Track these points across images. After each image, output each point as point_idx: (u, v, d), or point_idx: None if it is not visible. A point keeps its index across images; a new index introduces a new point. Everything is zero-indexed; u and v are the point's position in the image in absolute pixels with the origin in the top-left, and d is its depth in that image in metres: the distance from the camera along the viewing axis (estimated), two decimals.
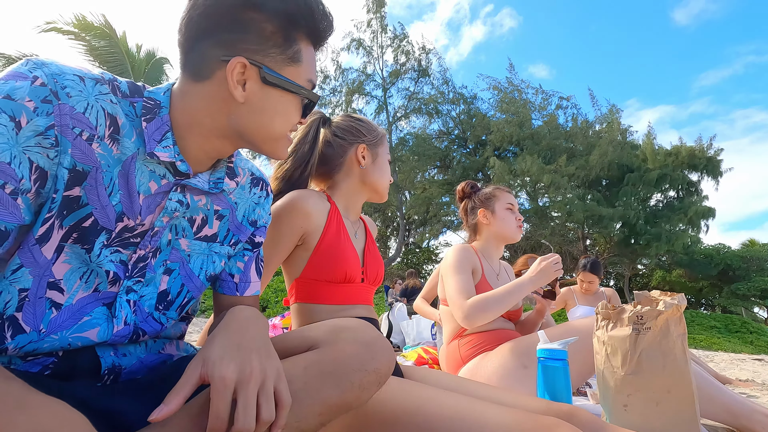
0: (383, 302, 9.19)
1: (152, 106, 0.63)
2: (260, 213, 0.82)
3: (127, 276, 0.63)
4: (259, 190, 0.82)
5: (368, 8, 18.08)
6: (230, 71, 0.61)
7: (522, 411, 0.75)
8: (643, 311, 0.98)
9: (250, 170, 0.82)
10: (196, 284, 0.73)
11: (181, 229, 0.69)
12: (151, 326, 0.68)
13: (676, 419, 0.92)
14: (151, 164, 0.63)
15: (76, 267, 0.59)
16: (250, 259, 0.81)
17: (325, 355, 0.59)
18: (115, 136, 0.59)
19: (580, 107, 17.68)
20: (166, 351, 0.73)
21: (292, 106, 0.67)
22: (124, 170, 0.61)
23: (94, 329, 0.61)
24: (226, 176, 0.74)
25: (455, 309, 1.44)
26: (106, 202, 0.59)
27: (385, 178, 1.22)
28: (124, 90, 0.62)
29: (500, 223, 1.69)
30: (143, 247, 0.64)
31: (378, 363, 0.60)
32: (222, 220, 0.75)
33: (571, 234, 17.25)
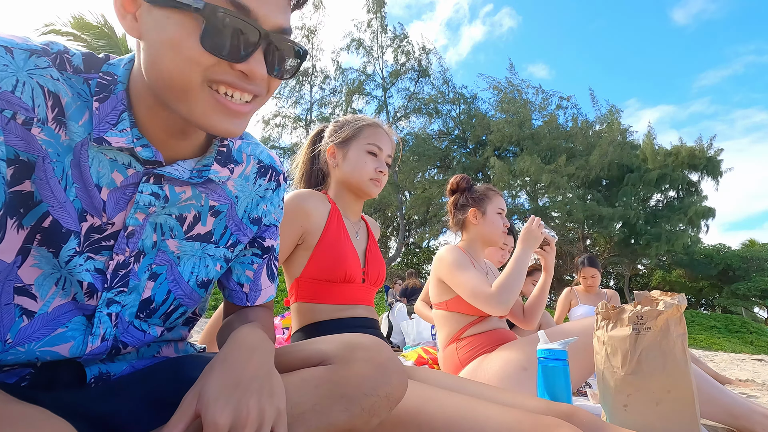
0: (383, 302, 9.19)
1: (108, 83, 0.53)
2: (266, 209, 0.71)
3: (106, 287, 0.56)
4: (266, 182, 0.70)
5: (368, 8, 18.11)
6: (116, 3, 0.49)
7: (522, 411, 0.75)
8: (643, 311, 0.98)
9: (258, 157, 0.69)
10: (185, 290, 0.64)
11: (168, 228, 0.60)
12: (133, 336, 0.61)
13: (676, 419, 0.92)
14: (110, 151, 0.53)
15: (48, 272, 0.53)
16: (260, 267, 0.73)
17: (337, 375, 0.55)
18: (60, 119, 0.50)
19: (580, 107, 17.70)
20: (162, 354, 0.69)
21: (182, 30, 0.46)
22: (76, 159, 0.51)
23: (67, 344, 0.54)
24: (216, 163, 0.61)
25: (482, 302, 1.41)
26: (62, 198, 0.51)
27: (358, 171, 1.17)
28: (77, 64, 0.52)
29: (489, 226, 1.67)
30: (120, 251, 0.56)
31: (391, 387, 0.57)
32: (218, 217, 0.65)
33: (571, 234, 17.25)
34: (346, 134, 1.20)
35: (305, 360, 0.60)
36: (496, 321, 1.59)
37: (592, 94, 19.64)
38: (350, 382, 0.55)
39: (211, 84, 0.49)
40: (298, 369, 0.59)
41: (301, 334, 1.10)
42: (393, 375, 0.58)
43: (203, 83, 0.49)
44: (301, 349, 0.63)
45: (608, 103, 19.18)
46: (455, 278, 1.51)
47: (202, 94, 0.49)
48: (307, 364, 0.59)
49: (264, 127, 18.78)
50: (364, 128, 1.20)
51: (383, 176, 1.20)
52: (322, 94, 19.09)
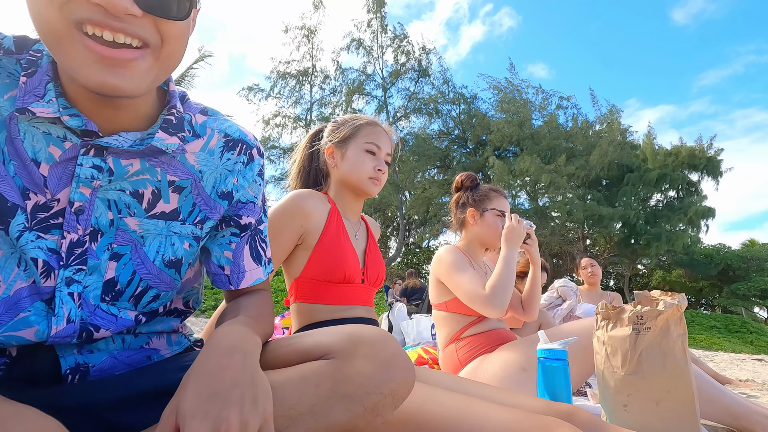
0: (383, 302, 9.20)
1: (36, 58, 0.52)
2: (237, 182, 0.67)
3: (62, 265, 0.53)
4: (235, 155, 0.67)
5: (368, 8, 18.09)
6: None
7: (522, 411, 0.75)
8: (643, 311, 0.98)
9: (224, 131, 0.67)
10: (152, 271, 0.60)
11: (123, 205, 0.57)
12: (104, 319, 0.57)
13: (676, 419, 0.92)
14: (42, 125, 0.52)
15: (8, 252, 0.51)
16: (239, 246, 0.69)
17: (339, 372, 0.52)
18: None
19: (580, 107, 17.67)
20: (151, 345, 0.65)
21: None
22: (9, 135, 0.51)
23: (31, 328, 0.52)
24: (162, 131, 0.58)
25: (478, 303, 1.41)
26: (3, 171, 0.50)
27: (356, 171, 1.17)
28: (8, 46, 0.52)
29: (486, 228, 1.64)
30: (71, 229, 0.53)
31: (395, 384, 0.53)
32: (182, 193, 0.62)
33: (571, 234, 17.25)
34: (344, 134, 1.20)
35: (305, 353, 0.56)
36: (495, 321, 1.59)
37: (592, 94, 19.66)
38: (352, 380, 0.52)
39: (78, 25, 0.45)
40: (297, 363, 0.55)
41: None
42: (398, 371, 0.54)
43: (69, 26, 0.45)
44: (301, 341, 0.59)
45: (608, 103, 19.18)
46: (452, 280, 1.51)
47: (70, 38, 0.45)
48: (307, 358, 0.56)
49: (264, 127, 18.78)
50: (362, 127, 1.20)
51: (382, 175, 1.19)
52: (322, 94, 19.10)
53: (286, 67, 18.68)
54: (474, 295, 1.42)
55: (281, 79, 18.68)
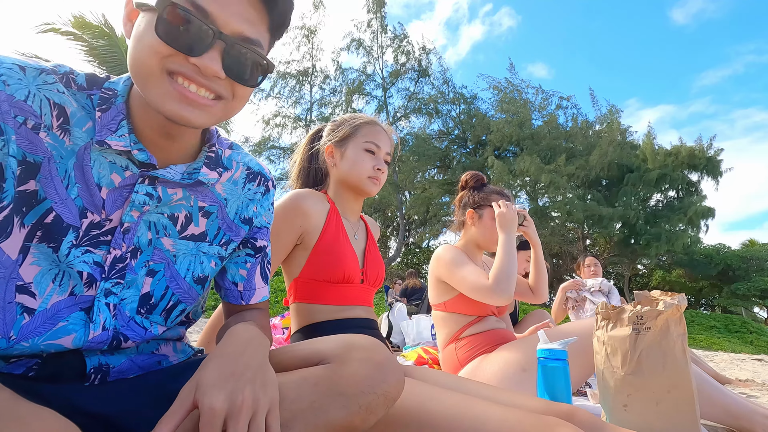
0: (383, 302, 9.19)
1: (109, 96, 0.60)
2: (256, 210, 0.77)
3: (104, 278, 0.60)
4: (255, 186, 0.77)
5: (368, 8, 18.10)
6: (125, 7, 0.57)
7: (522, 410, 0.75)
8: (643, 311, 0.97)
9: (247, 164, 0.76)
10: (183, 287, 0.68)
11: (161, 227, 0.65)
12: (134, 331, 0.64)
13: (676, 419, 0.92)
14: (109, 155, 0.60)
15: (46, 269, 0.56)
16: (253, 266, 0.78)
17: (335, 374, 0.57)
18: (65, 126, 0.57)
19: (580, 107, 17.69)
20: (160, 351, 0.71)
21: (145, 24, 0.54)
22: (79, 161, 0.58)
23: (69, 336, 0.58)
24: (205, 166, 0.67)
25: (483, 294, 1.40)
26: (65, 195, 0.57)
27: (356, 170, 1.17)
28: (81, 83, 0.60)
29: (483, 230, 1.63)
30: (117, 246, 0.61)
31: (388, 386, 0.58)
32: (209, 218, 0.70)
33: (571, 234, 17.25)
34: (343, 133, 1.20)
35: (304, 360, 0.61)
36: (494, 321, 1.59)
37: (592, 94, 19.66)
38: (348, 381, 0.56)
39: (171, 74, 0.55)
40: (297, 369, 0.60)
41: (300, 335, 1.10)
42: (390, 374, 0.59)
43: (162, 71, 0.54)
44: (300, 349, 0.65)
45: (608, 103, 19.19)
46: (454, 275, 1.49)
47: (162, 80, 0.54)
48: (306, 364, 0.60)
49: (264, 127, 18.79)
50: (361, 127, 1.20)
51: (382, 174, 1.19)
52: (322, 94, 19.10)
53: (286, 67, 18.68)
54: (478, 287, 1.41)
55: (281, 79, 18.67)
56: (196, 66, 0.54)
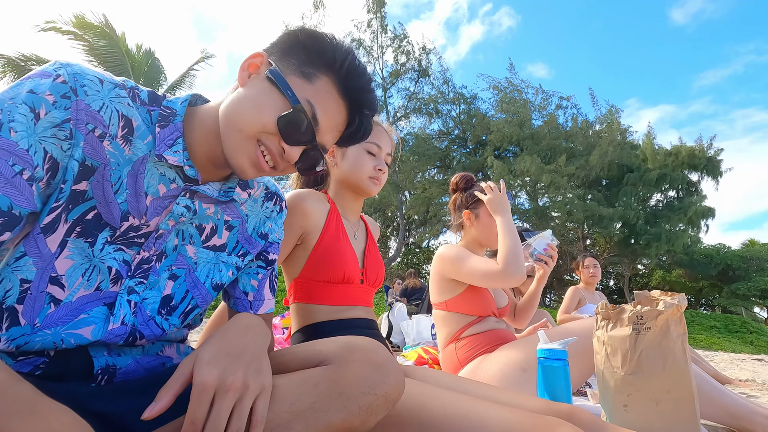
0: (383, 302, 9.19)
1: (168, 114, 0.66)
2: (271, 227, 0.83)
3: (129, 275, 0.64)
4: (272, 205, 0.83)
5: (368, 8, 18.09)
6: (248, 59, 0.66)
7: (523, 410, 0.75)
8: (643, 311, 0.97)
9: (266, 185, 0.83)
10: (202, 292, 0.73)
11: (188, 235, 0.70)
12: (151, 330, 0.67)
13: (676, 419, 0.92)
14: (161, 167, 0.65)
15: (78, 263, 0.60)
16: (264, 277, 0.82)
17: (336, 375, 0.57)
18: (128, 137, 0.62)
19: (580, 107, 17.67)
20: (165, 353, 0.72)
21: (269, 100, 0.64)
22: (134, 170, 0.63)
23: (89, 327, 0.61)
24: (238, 186, 0.75)
25: (496, 278, 1.41)
26: (110, 198, 0.61)
27: (356, 170, 1.17)
28: (144, 98, 0.66)
29: (482, 228, 1.64)
30: (147, 249, 0.65)
31: (388, 387, 0.59)
32: (231, 231, 0.76)
33: (571, 234, 17.25)
34: None
35: (304, 361, 0.62)
36: (494, 322, 1.59)
37: (591, 94, 19.66)
38: (348, 382, 0.56)
39: (259, 142, 0.65)
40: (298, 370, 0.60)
41: (300, 335, 1.10)
42: (390, 375, 0.59)
43: (254, 137, 0.64)
44: (301, 350, 0.65)
45: (608, 103, 19.20)
46: (462, 268, 1.49)
47: (249, 143, 0.64)
48: (306, 365, 0.61)
49: None
50: None
51: (382, 175, 1.18)
52: None
53: None
54: (489, 272, 1.42)
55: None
56: (282, 149, 0.65)
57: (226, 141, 0.65)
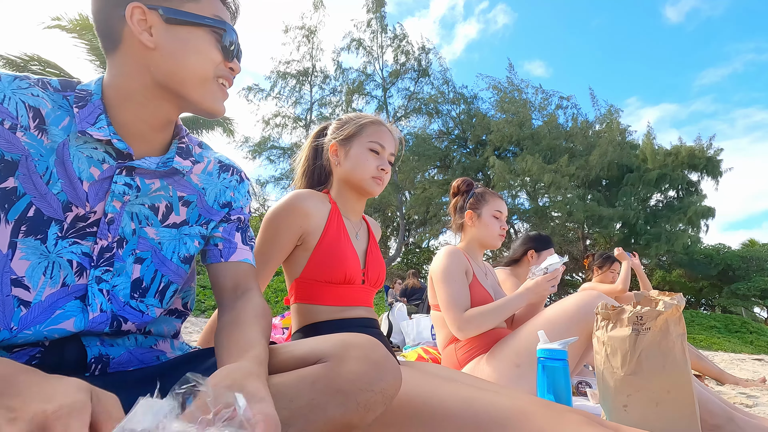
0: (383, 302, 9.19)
1: (84, 95, 0.65)
2: (233, 195, 0.82)
3: (93, 266, 0.64)
4: (229, 176, 0.83)
5: (368, 8, 18.09)
6: (130, 18, 0.63)
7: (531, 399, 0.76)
8: (642, 311, 0.98)
9: (218, 159, 0.83)
10: (171, 268, 0.73)
11: (143, 217, 0.70)
12: (132, 315, 0.68)
13: (675, 419, 0.93)
14: (87, 149, 0.64)
15: (36, 262, 0.60)
16: (229, 228, 0.81)
17: (333, 372, 0.57)
18: (41, 127, 0.62)
19: (580, 107, 17.66)
20: (158, 347, 0.73)
21: (205, 42, 0.67)
22: (59, 158, 0.62)
23: (69, 320, 0.61)
24: (177, 156, 0.73)
25: (449, 319, 1.48)
26: (44, 190, 0.61)
27: (359, 170, 1.16)
28: (56, 85, 0.65)
29: (483, 228, 1.70)
30: (103, 237, 0.65)
31: (385, 383, 0.59)
32: (189, 206, 0.76)
33: (571, 234, 17.25)
34: (348, 132, 1.19)
35: (302, 359, 0.61)
36: None
37: (591, 94, 19.65)
38: (346, 378, 0.56)
39: (216, 78, 0.69)
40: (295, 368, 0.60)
41: (300, 335, 1.10)
42: (387, 372, 0.60)
43: (213, 78, 0.68)
44: (298, 348, 0.65)
45: (607, 103, 19.19)
46: (438, 284, 1.56)
47: (212, 83, 0.69)
48: (304, 363, 0.60)
49: (264, 127, 18.78)
50: (366, 126, 1.19)
51: (385, 175, 1.18)
52: (322, 94, 19.09)
53: (286, 67, 18.68)
54: (449, 310, 1.49)
55: (281, 79, 18.67)
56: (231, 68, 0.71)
57: (188, 96, 0.67)
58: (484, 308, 1.47)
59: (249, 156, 18.41)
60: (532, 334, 1.35)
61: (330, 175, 1.26)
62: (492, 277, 1.81)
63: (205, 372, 0.64)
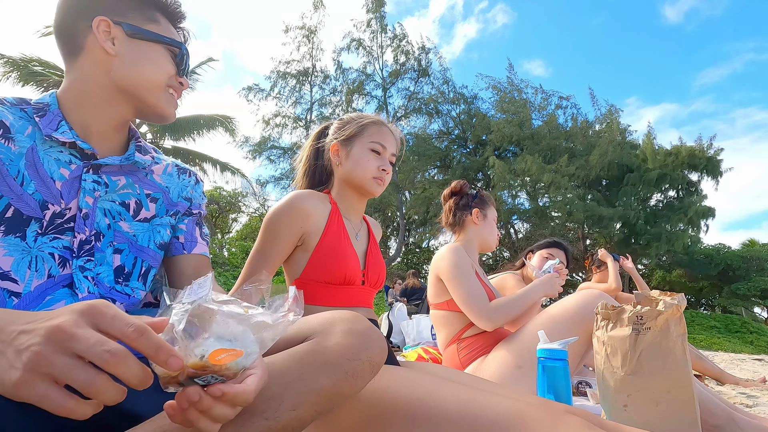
0: (383, 302, 9.19)
1: (41, 107, 0.73)
2: (193, 193, 0.93)
3: (74, 256, 0.69)
4: (187, 177, 0.93)
5: (368, 8, 18.10)
6: (96, 28, 0.72)
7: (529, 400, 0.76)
8: (643, 311, 0.98)
9: (175, 163, 0.93)
10: (149, 254, 0.81)
11: (116, 213, 0.77)
12: (119, 297, 0.74)
13: (676, 419, 0.93)
14: (54, 152, 0.71)
15: (19, 257, 0.64)
16: (190, 222, 0.91)
17: (320, 346, 0.60)
18: (7, 135, 0.67)
19: (579, 107, 17.67)
20: None
21: (160, 56, 0.78)
22: (30, 161, 0.68)
23: (60, 302, 0.66)
24: (137, 151, 0.82)
25: (474, 312, 1.48)
26: (20, 191, 0.66)
27: (361, 170, 1.16)
28: (11, 101, 0.72)
29: (488, 229, 1.75)
30: (80, 231, 0.71)
31: (371, 352, 0.62)
32: (157, 203, 0.85)
33: (571, 234, 17.24)
34: (349, 132, 1.19)
35: (291, 340, 0.64)
36: None
37: (591, 94, 19.64)
38: (333, 351, 0.59)
39: (167, 87, 0.81)
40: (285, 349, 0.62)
41: None
42: (373, 341, 0.63)
43: (165, 86, 0.80)
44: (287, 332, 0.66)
45: (607, 102, 19.18)
46: (453, 280, 1.53)
47: (163, 91, 0.80)
48: (293, 343, 0.63)
49: (264, 127, 18.77)
50: (368, 126, 1.19)
51: (386, 175, 1.18)
52: (322, 94, 19.09)
53: (286, 67, 18.68)
54: (472, 304, 1.48)
55: (281, 79, 18.66)
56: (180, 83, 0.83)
57: (144, 99, 0.77)
58: (509, 297, 1.51)
59: (249, 156, 18.43)
60: (534, 334, 1.35)
61: (331, 176, 1.26)
62: (485, 277, 1.82)
63: None
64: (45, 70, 9.40)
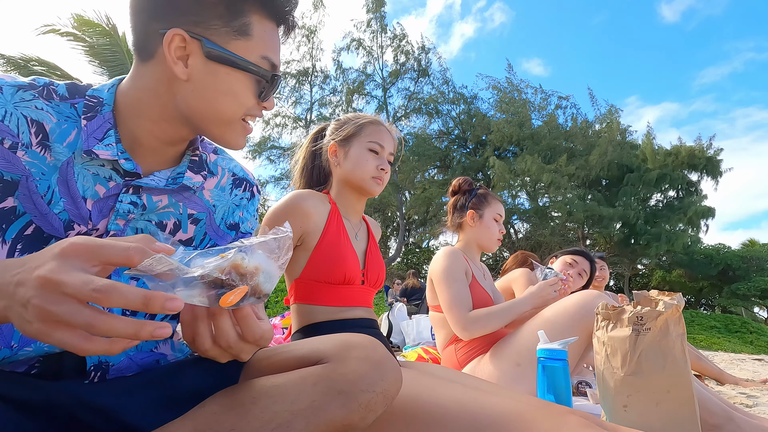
0: (383, 302, 9.19)
1: (94, 104, 0.62)
2: (242, 215, 0.80)
3: None
4: (241, 191, 0.80)
5: (368, 8, 18.10)
6: (167, 45, 0.58)
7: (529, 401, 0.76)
8: (642, 312, 0.98)
9: (232, 170, 0.79)
10: None
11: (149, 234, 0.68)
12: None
13: (675, 420, 0.92)
14: (93, 167, 0.61)
15: None
16: None
17: (335, 372, 0.57)
18: (44, 143, 0.58)
19: (579, 107, 17.70)
20: (159, 350, 0.72)
21: (241, 86, 0.63)
22: (63, 176, 0.59)
23: None
24: (189, 170, 0.69)
25: (453, 320, 1.47)
26: (45, 210, 0.58)
27: (359, 170, 1.16)
28: (62, 93, 0.61)
29: (484, 230, 1.70)
30: None
31: (386, 384, 0.58)
32: (198, 225, 0.73)
33: (571, 234, 17.24)
34: (347, 132, 1.19)
35: (302, 359, 0.61)
36: None
37: (591, 94, 19.63)
38: (347, 379, 0.56)
39: (244, 117, 0.66)
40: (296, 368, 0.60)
41: (300, 335, 1.10)
42: (388, 372, 0.59)
43: (239, 118, 0.66)
44: (298, 348, 0.64)
45: (607, 102, 19.21)
46: (439, 285, 1.55)
47: (237, 124, 0.66)
48: (304, 363, 0.60)
49: (264, 126, 18.77)
50: (365, 126, 1.19)
51: (385, 174, 1.18)
52: (322, 94, 19.10)
53: (286, 67, 18.66)
54: (453, 310, 1.47)
55: (281, 79, 18.65)
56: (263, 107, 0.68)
57: (209, 131, 0.65)
58: (491, 309, 1.47)
59: (249, 156, 18.43)
60: (533, 333, 1.34)
61: (329, 176, 1.26)
62: (489, 278, 1.81)
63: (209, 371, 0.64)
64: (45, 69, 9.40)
